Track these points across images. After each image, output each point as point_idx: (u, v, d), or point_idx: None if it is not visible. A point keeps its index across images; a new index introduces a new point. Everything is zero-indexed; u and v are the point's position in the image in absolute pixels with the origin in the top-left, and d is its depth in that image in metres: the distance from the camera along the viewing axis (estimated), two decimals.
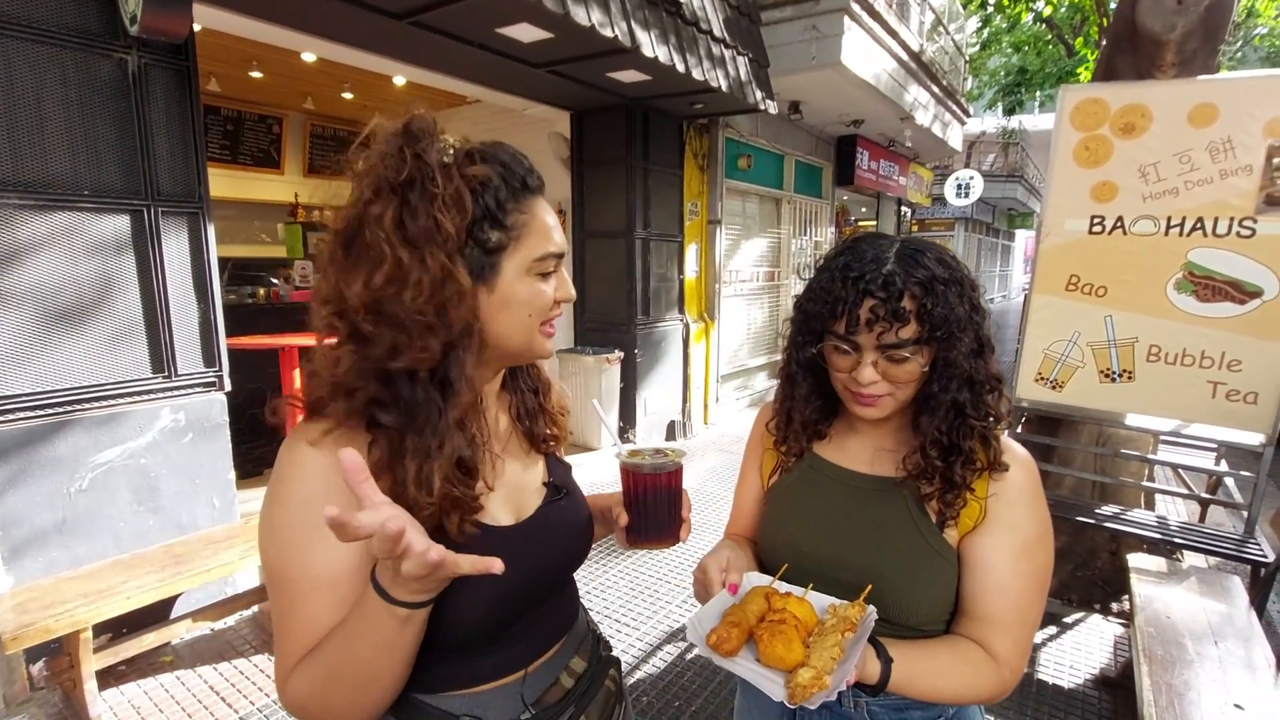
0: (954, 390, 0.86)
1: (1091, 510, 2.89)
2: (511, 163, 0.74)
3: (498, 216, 0.71)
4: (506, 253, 0.73)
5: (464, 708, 0.76)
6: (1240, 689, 1.76)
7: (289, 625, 0.68)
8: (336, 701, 0.66)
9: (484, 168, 0.70)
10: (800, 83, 5.69)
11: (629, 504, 0.87)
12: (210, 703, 2.33)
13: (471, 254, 0.71)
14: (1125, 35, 2.95)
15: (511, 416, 0.89)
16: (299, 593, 0.67)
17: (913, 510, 0.91)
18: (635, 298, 5.25)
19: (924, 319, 0.83)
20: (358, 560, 0.67)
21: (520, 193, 0.73)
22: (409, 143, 0.69)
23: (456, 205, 0.68)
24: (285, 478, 0.69)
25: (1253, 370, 2.47)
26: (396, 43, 3.49)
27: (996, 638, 0.86)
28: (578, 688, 0.86)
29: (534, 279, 0.75)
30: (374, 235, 0.67)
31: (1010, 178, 18.36)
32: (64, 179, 2.30)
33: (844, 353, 0.88)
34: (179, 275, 2.61)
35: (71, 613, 2.07)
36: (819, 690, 0.72)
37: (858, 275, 0.84)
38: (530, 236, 0.74)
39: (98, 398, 2.43)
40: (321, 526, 0.62)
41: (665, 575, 3.31)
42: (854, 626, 0.82)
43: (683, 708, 2.32)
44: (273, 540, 0.68)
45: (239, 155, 6.57)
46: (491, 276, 0.72)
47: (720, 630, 0.82)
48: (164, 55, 2.50)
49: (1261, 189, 2.39)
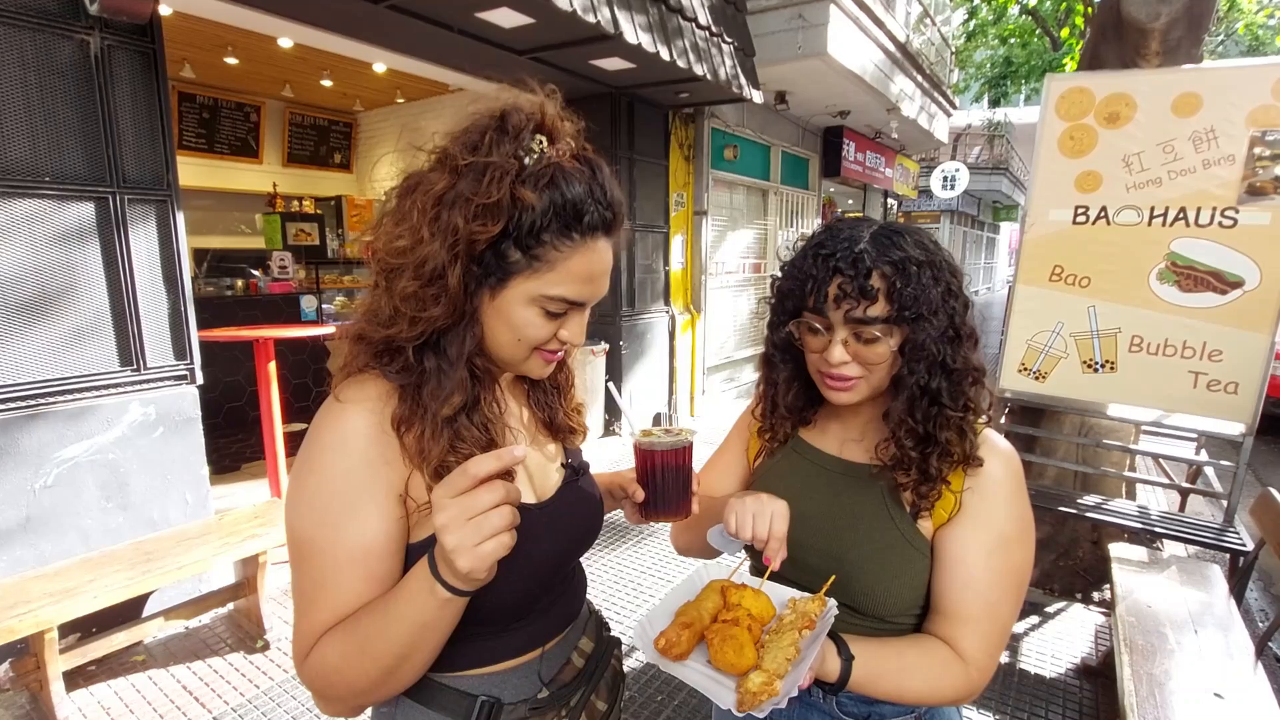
0: (922, 374, 0.84)
1: (1073, 500, 2.90)
2: (575, 193, 0.69)
3: (526, 241, 0.69)
4: (520, 276, 0.71)
5: (482, 687, 0.77)
6: (1220, 677, 1.77)
7: (317, 597, 0.67)
8: (361, 679, 0.65)
9: (533, 194, 0.68)
10: (786, 72, 5.65)
11: (643, 480, 0.89)
12: (183, 702, 2.28)
13: (488, 259, 0.70)
14: (1110, 24, 2.95)
15: (530, 406, 0.90)
16: (331, 565, 0.67)
17: (887, 499, 0.89)
18: (620, 289, 5.21)
19: (893, 298, 0.81)
20: (390, 535, 0.69)
21: (568, 229, 0.70)
22: (496, 132, 0.69)
23: (488, 215, 0.67)
24: (326, 446, 0.69)
25: (1233, 360, 2.48)
26: (374, 27, 3.41)
27: (964, 635, 0.83)
28: (588, 667, 0.88)
29: (536, 311, 0.73)
30: (414, 202, 0.69)
31: (995, 170, 18.48)
32: (23, 165, 2.22)
33: (816, 332, 0.87)
34: (147, 265, 2.54)
35: (36, 612, 2.01)
36: (769, 697, 0.69)
37: (829, 253, 0.84)
38: (552, 273, 0.71)
39: (62, 391, 2.36)
40: (360, 498, 0.67)
41: (649, 568, 3.29)
42: (812, 623, 0.78)
43: (665, 701, 2.31)
44: (308, 511, 0.68)
45: (215, 144, 6.44)
46: (499, 288, 0.71)
47: (670, 633, 0.79)
48: (128, 36, 2.42)
49: (1244, 179, 2.39)
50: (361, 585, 0.67)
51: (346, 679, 0.66)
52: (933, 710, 0.93)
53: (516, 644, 0.80)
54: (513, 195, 0.67)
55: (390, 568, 0.69)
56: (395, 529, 0.69)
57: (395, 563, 0.70)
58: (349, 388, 0.72)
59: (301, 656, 0.68)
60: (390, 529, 0.68)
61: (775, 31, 5.26)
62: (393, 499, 0.69)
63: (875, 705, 0.91)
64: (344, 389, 0.72)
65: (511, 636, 0.79)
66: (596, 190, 0.72)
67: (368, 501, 0.68)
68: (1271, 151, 2.34)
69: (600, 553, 3.45)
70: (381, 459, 0.69)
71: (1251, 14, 9.60)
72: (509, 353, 0.75)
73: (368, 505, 0.68)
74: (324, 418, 0.70)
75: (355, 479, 0.67)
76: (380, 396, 0.71)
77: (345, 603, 0.67)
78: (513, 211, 0.68)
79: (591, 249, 0.72)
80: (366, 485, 0.68)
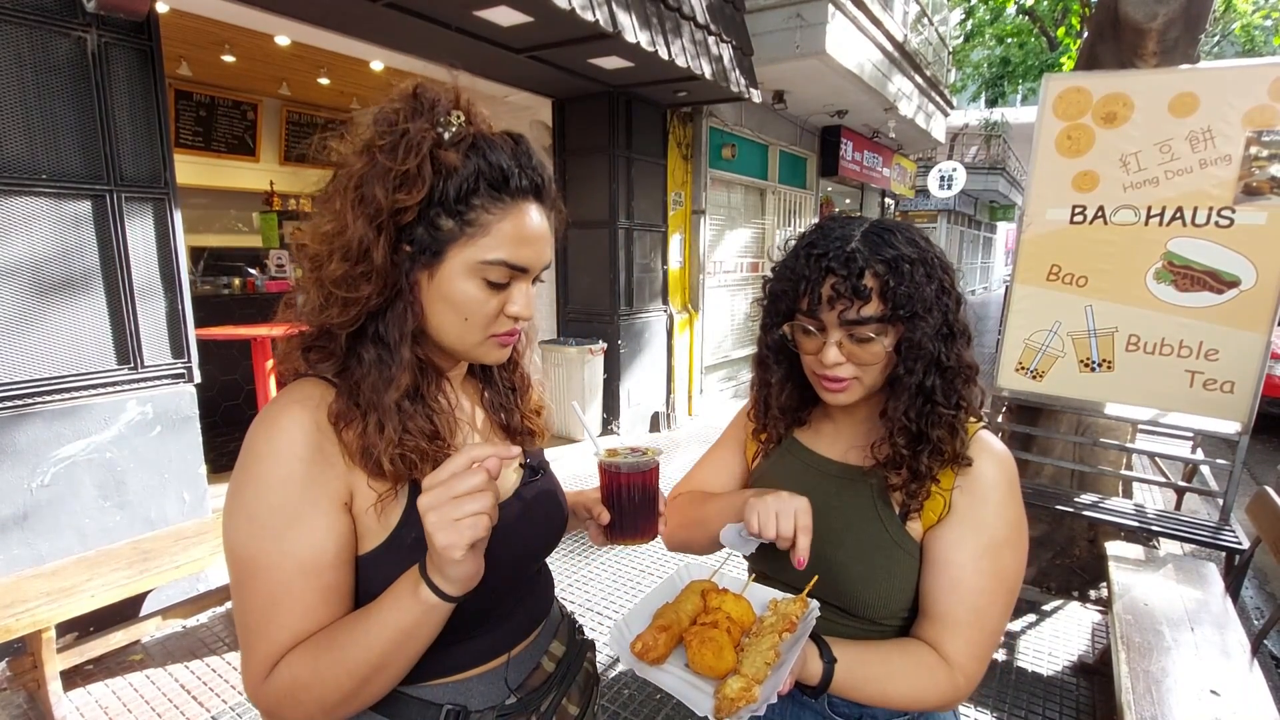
0: (920, 373, 0.83)
1: (1070, 499, 2.91)
2: (500, 159, 0.69)
3: (456, 206, 0.68)
4: (456, 245, 0.69)
5: (447, 696, 0.75)
6: (1216, 675, 1.78)
7: (272, 616, 0.64)
8: (332, 692, 0.63)
9: (456, 156, 0.67)
10: (785, 71, 5.65)
11: (608, 501, 0.87)
12: (181, 701, 2.27)
13: (420, 235, 0.68)
14: (1108, 24, 2.95)
15: (485, 407, 0.88)
16: (281, 581, 0.64)
17: (876, 500, 0.89)
18: (618, 288, 5.21)
19: (887, 297, 0.81)
20: (338, 543, 0.67)
21: (497, 191, 0.69)
22: (410, 109, 0.68)
23: (409, 182, 0.66)
24: (260, 455, 0.66)
25: (1230, 359, 2.48)
26: (372, 25, 3.40)
27: (950, 638, 0.82)
28: (558, 671, 0.86)
29: (478, 283, 0.70)
30: (336, 187, 0.69)
31: (992, 170, 18.50)
32: (20, 163, 2.21)
33: (810, 333, 0.87)
34: (144, 263, 2.53)
35: (33, 612, 2.00)
36: (747, 704, 0.67)
37: (821, 253, 0.83)
38: (487, 237, 0.69)
39: (59, 390, 2.35)
40: (302, 507, 0.64)
41: (647, 567, 3.29)
42: (794, 625, 0.76)
43: (664, 699, 2.31)
44: (248, 527, 0.65)
45: (212, 142, 6.41)
46: (435, 264, 0.70)
47: (647, 636, 0.76)
48: (125, 34, 2.41)
49: (1240, 179, 2.40)
50: (316, 599, 0.65)
51: (316, 694, 0.63)
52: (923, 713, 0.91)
53: (481, 649, 0.78)
54: (434, 162, 0.67)
55: (343, 578, 0.67)
56: (343, 537, 0.67)
57: (347, 573, 0.68)
58: (283, 393, 0.70)
59: (259, 679, 0.65)
60: (338, 536, 0.66)
61: (773, 30, 5.27)
62: (337, 506, 0.67)
63: (867, 706, 0.89)
64: (278, 395, 0.70)
65: (475, 642, 0.77)
66: (522, 157, 0.71)
67: (310, 509, 0.65)
68: (1268, 151, 2.35)
69: (576, 555, 3.45)
70: (322, 463, 0.66)
71: (1248, 15, 9.63)
72: (458, 337, 0.73)
73: (311, 514, 0.65)
74: (257, 425, 0.68)
75: (294, 487, 0.65)
76: (315, 397, 0.69)
77: (302, 618, 0.65)
78: (436, 179, 0.67)
79: (524, 212, 0.71)
80: (307, 492, 0.65)
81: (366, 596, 0.68)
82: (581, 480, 4.46)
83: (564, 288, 5.53)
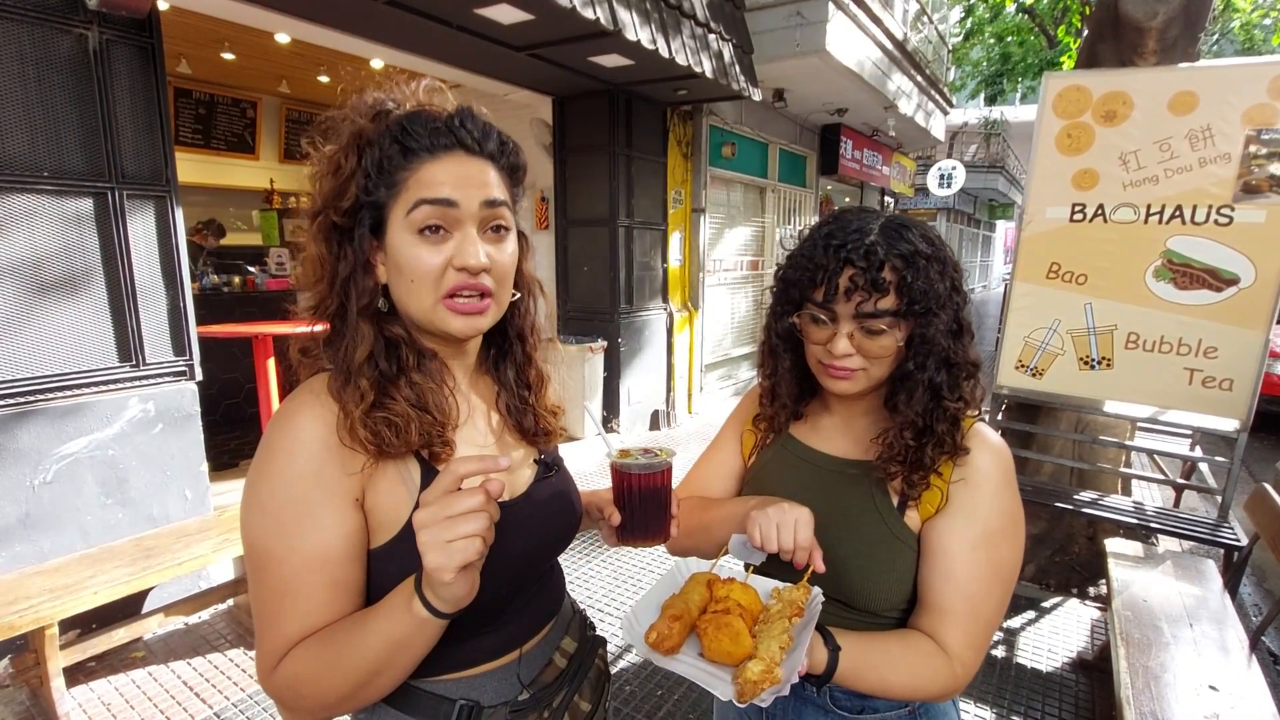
0: (931, 370, 0.84)
1: (1069, 496, 2.92)
2: (412, 121, 0.71)
3: (382, 176, 0.71)
4: (390, 208, 0.72)
5: (460, 691, 0.76)
6: (1215, 670, 1.79)
7: (282, 608, 0.66)
8: (331, 692, 0.65)
9: (370, 125, 0.71)
10: (785, 70, 5.65)
11: (619, 503, 0.87)
12: (184, 698, 2.28)
13: (363, 214, 0.72)
14: (1108, 22, 2.96)
15: (500, 410, 0.88)
16: (291, 574, 0.66)
17: (874, 493, 0.90)
18: (618, 286, 5.21)
19: (903, 292, 0.81)
20: (349, 539, 0.68)
21: (412, 148, 0.71)
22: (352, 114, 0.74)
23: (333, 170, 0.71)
24: (277, 450, 0.68)
25: (1228, 357, 2.49)
26: (372, 23, 3.40)
27: (947, 629, 0.82)
28: (570, 667, 0.86)
29: (414, 238, 0.71)
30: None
31: (992, 168, 18.50)
32: (22, 160, 2.21)
33: (820, 323, 0.86)
34: (146, 261, 2.53)
35: (36, 609, 2.00)
36: (771, 685, 0.67)
37: (839, 244, 0.83)
38: (408, 190, 0.71)
39: (61, 387, 2.35)
40: (315, 504, 0.66)
41: (650, 565, 3.30)
42: (801, 611, 0.77)
43: (666, 696, 2.32)
44: (262, 520, 0.67)
45: (212, 140, 6.41)
46: (383, 235, 0.73)
47: (660, 626, 0.76)
48: (127, 31, 2.41)
49: (1239, 177, 2.41)
50: (325, 593, 0.66)
51: (317, 690, 0.65)
52: (927, 704, 0.92)
53: (493, 646, 0.78)
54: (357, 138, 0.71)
55: (353, 573, 0.69)
56: (354, 533, 0.68)
57: (358, 568, 0.69)
58: (301, 387, 0.73)
59: (269, 669, 0.67)
60: (348, 532, 0.68)
61: (773, 29, 5.26)
62: (349, 502, 0.68)
63: (869, 699, 0.90)
64: (297, 389, 0.73)
65: (488, 638, 0.78)
66: (449, 118, 0.73)
67: (323, 505, 0.67)
68: (1267, 150, 2.36)
69: (577, 553, 3.46)
70: (335, 458, 0.68)
71: (1247, 14, 9.62)
72: (415, 305, 0.73)
73: (321, 509, 0.67)
74: (275, 422, 0.70)
75: (307, 483, 0.66)
76: (327, 391, 0.71)
77: (311, 611, 0.66)
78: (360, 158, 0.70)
79: (444, 160, 0.72)
80: (320, 488, 0.67)
81: (379, 591, 0.69)
82: (581, 480, 4.47)
83: (564, 286, 5.53)
